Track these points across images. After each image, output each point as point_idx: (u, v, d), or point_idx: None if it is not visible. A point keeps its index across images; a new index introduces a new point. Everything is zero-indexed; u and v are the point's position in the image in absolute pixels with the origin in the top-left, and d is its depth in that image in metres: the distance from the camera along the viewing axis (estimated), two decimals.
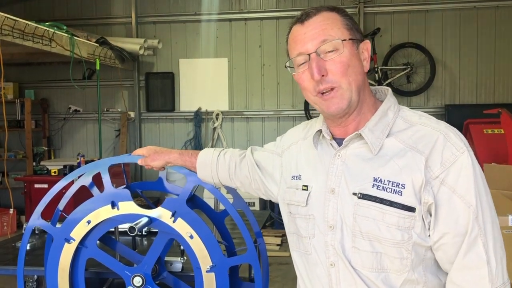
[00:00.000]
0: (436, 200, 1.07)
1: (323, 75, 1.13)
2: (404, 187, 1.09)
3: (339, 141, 1.22)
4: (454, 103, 6.33)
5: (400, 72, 6.23)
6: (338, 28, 1.14)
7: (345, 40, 1.13)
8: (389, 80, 6.20)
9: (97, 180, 1.76)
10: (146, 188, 1.91)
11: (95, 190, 1.72)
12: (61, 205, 1.78)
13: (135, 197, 1.68)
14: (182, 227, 1.61)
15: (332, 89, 1.14)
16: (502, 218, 2.74)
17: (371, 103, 1.21)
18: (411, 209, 1.08)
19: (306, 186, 1.25)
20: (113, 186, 1.67)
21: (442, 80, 6.37)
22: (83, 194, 1.82)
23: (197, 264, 1.61)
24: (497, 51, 6.24)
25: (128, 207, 1.63)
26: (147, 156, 1.60)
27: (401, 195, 1.08)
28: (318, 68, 1.13)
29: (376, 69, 6.08)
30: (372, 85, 1.25)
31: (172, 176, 1.80)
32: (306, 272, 1.26)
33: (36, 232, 2.63)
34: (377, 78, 6.09)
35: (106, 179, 1.65)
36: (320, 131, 1.26)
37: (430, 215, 1.09)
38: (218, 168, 1.55)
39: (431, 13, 6.32)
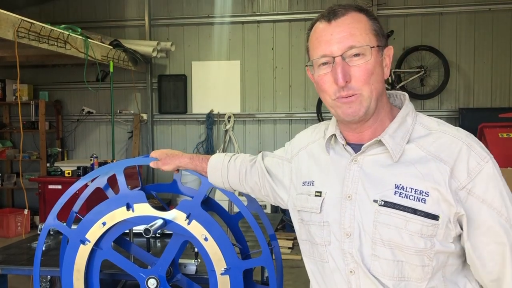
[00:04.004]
0: (466, 210, 1.06)
1: (346, 81, 1.10)
2: (428, 195, 1.07)
3: (354, 147, 1.19)
4: (469, 107, 6.26)
5: (414, 75, 6.18)
6: (366, 33, 1.11)
7: (373, 47, 1.11)
8: (402, 83, 6.16)
9: (111, 182, 1.77)
10: (160, 190, 1.92)
11: (110, 192, 1.73)
12: (76, 207, 1.80)
13: (148, 198, 1.69)
14: (196, 229, 1.61)
15: (353, 95, 1.11)
16: None
17: (388, 109, 1.19)
18: (435, 217, 1.06)
19: (320, 192, 1.22)
20: (128, 188, 1.68)
21: (456, 84, 6.30)
22: (96, 196, 1.83)
23: (211, 266, 1.61)
24: None
25: (143, 209, 1.64)
26: (159, 160, 1.61)
27: (425, 203, 1.06)
28: (343, 73, 1.09)
29: (389, 72, 6.04)
30: (386, 88, 1.22)
31: (185, 178, 1.80)
32: (323, 280, 1.22)
33: (51, 233, 2.65)
34: (390, 81, 6.05)
35: (121, 181, 1.66)
36: (333, 135, 1.23)
37: (460, 226, 1.08)
38: (229, 173, 1.55)
39: (445, 15, 6.27)
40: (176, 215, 1.62)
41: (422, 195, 1.07)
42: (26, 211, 4.96)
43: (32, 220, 6.48)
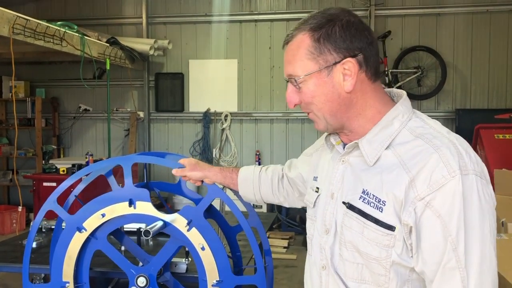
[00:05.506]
0: (419, 223, 1.00)
1: (295, 103, 1.18)
2: (384, 204, 1.04)
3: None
4: (465, 108, 6.26)
5: (411, 75, 6.18)
6: (301, 60, 1.13)
7: (299, 78, 1.13)
8: (399, 84, 6.16)
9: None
10: (164, 189, 1.92)
11: (113, 183, 1.73)
12: (77, 191, 1.82)
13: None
14: (195, 237, 1.61)
15: (309, 113, 1.19)
16: None
17: (372, 114, 1.14)
18: (390, 228, 1.03)
19: (318, 188, 1.27)
20: (133, 184, 1.67)
21: (453, 84, 6.31)
22: (94, 186, 1.84)
23: (203, 276, 1.61)
24: (510, 55, 6.16)
25: (145, 207, 1.64)
26: (185, 167, 1.60)
27: (381, 211, 1.05)
28: (289, 98, 1.18)
29: (386, 72, 6.05)
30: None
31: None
32: (309, 272, 1.27)
33: (43, 230, 2.65)
34: (387, 81, 6.05)
35: (127, 176, 1.66)
36: (330, 134, 1.26)
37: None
38: (261, 184, 1.58)
39: (442, 16, 6.27)
40: (177, 219, 1.62)
41: (380, 204, 1.05)
42: (20, 208, 4.94)
43: (28, 217, 6.46)
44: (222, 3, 6.70)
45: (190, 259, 1.89)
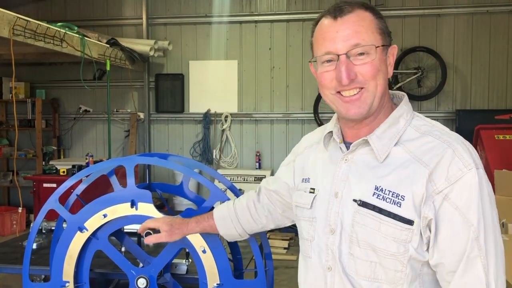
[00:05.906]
0: (437, 216, 1.03)
1: (352, 79, 1.10)
2: (403, 198, 1.05)
3: (349, 145, 1.20)
4: (465, 108, 6.26)
5: (411, 76, 6.18)
6: (372, 32, 1.10)
7: (378, 46, 1.10)
8: (399, 84, 6.16)
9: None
10: (165, 190, 1.93)
11: (115, 183, 1.73)
12: (79, 190, 1.82)
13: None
14: (196, 240, 1.61)
15: (361, 88, 1.11)
16: None
17: (388, 109, 1.18)
18: (409, 222, 1.04)
19: (313, 189, 1.24)
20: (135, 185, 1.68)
21: (453, 85, 6.31)
22: (94, 186, 1.84)
23: (204, 278, 1.62)
24: (510, 56, 6.16)
25: (147, 209, 1.64)
26: (161, 232, 1.53)
27: (400, 206, 1.05)
28: (348, 72, 1.09)
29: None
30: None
31: (179, 176, 1.81)
32: (306, 275, 1.25)
33: (43, 231, 2.65)
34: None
35: (130, 177, 1.66)
36: (331, 132, 1.24)
37: (430, 231, 1.05)
38: (238, 215, 1.53)
39: (443, 17, 6.27)
40: None
41: (398, 199, 1.05)
42: (20, 209, 4.94)
43: (28, 219, 6.46)
44: (222, 4, 6.70)
45: (190, 260, 1.89)
